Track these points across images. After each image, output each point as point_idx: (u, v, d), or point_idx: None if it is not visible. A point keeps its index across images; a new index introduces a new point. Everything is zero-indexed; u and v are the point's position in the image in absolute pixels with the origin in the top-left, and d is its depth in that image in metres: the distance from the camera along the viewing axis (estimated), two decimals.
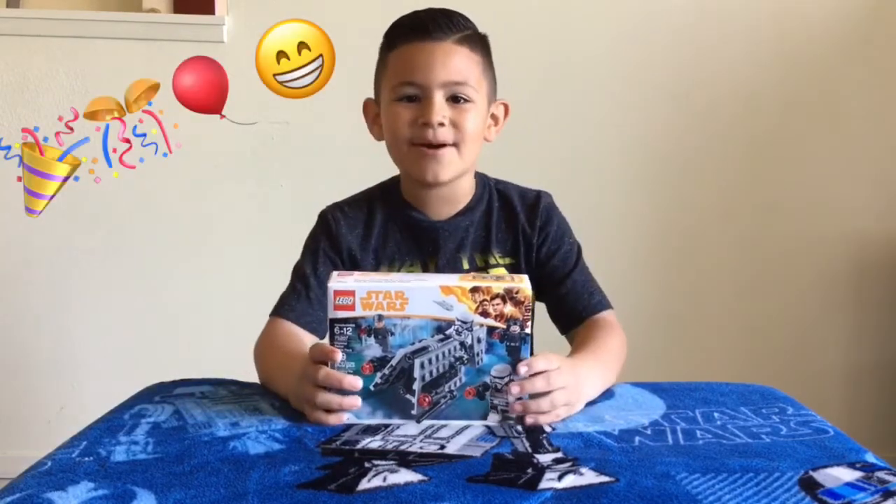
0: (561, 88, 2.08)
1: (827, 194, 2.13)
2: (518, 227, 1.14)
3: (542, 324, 1.12)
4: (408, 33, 1.07)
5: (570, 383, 0.92)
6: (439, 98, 1.05)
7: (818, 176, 2.13)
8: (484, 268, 1.13)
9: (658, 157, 2.11)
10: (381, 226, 1.14)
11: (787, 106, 2.11)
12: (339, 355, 0.87)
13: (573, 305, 1.14)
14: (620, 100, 2.09)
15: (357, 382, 0.87)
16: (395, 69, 1.07)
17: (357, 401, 0.88)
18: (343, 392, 0.88)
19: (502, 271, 1.13)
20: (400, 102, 1.07)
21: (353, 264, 1.12)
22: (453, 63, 1.05)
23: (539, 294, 1.14)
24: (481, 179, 1.17)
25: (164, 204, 2.07)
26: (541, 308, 1.16)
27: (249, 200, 2.07)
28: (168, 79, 2.03)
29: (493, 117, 1.14)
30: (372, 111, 1.15)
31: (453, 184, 1.11)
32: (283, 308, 1.10)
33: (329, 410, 0.88)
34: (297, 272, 1.13)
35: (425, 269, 1.13)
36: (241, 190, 2.07)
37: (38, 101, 2.03)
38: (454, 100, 1.06)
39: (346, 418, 0.88)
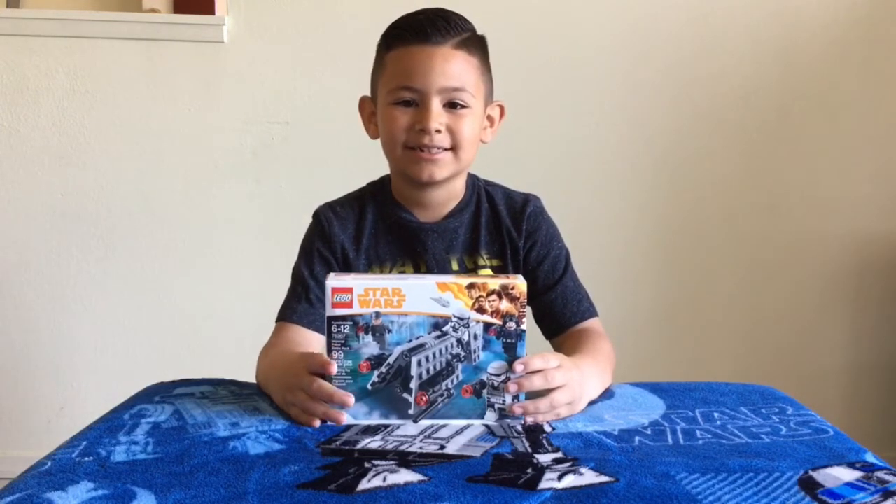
0: (558, 88, 2.07)
1: (827, 193, 2.13)
2: (503, 230, 1.15)
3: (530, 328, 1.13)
4: (406, 36, 1.06)
5: (570, 381, 0.92)
6: (436, 104, 1.05)
7: (818, 175, 2.13)
8: (473, 269, 1.13)
9: (657, 156, 2.11)
10: (371, 226, 1.14)
11: (786, 104, 2.11)
12: (335, 368, 0.88)
13: (562, 311, 1.14)
14: (618, 99, 2.09)
15: (348, 399, 0.88)
16: (393, 72, 1.07)
17: (344, 416, 0.88)
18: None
19: (489, 272, 1.13)
20: (397, 106, 1.06)
21: (346, 262, 1.13)
22: (451, 69, 1.05)
23: (527, 298, 1.15)
24: (471, 181, 1.17)
25: (163, 204, 2.07)
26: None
27: (249, 200, 2.08)
28: (168, 78, 2.04)
29: (489, 119, 1.14)
30: (367, 109, 1.15)
31: (445, 185, 1.11)
32: (287, 312, 1.11)
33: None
34: (296, 275, 1.14)
35: (417, 270, 1.13)
36: (241, 190, 2.07)
37: (38, 101, 2.03)
38: (451, 105, 1.06)
39: (344, 419, 0.89)
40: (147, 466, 0.78)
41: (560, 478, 0.74)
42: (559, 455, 0.81)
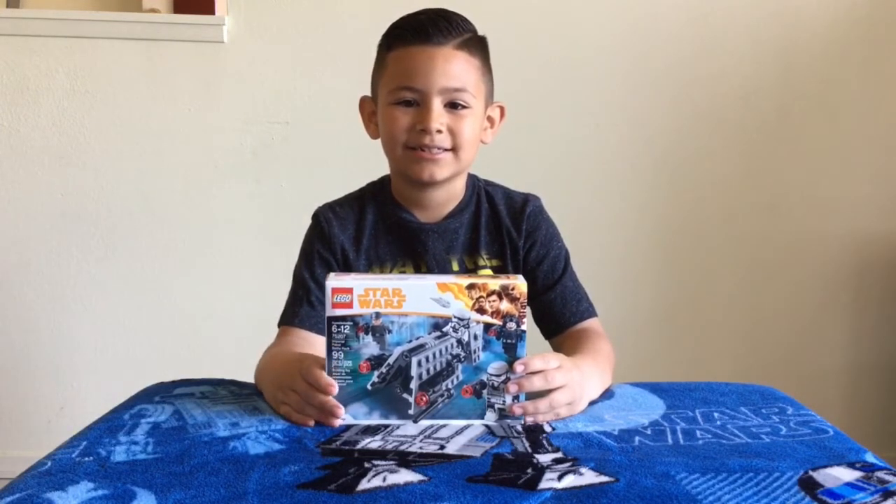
0: (558, 88, 2.07)
1: (827, 193, 2.13)
2: (503, 230, 1.15)
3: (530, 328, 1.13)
4: (407, 36, 1.06)
5: (570, 382, 0.93)
6: (437, 105, 1.05)
7: (818, 175, 2.13)
8: (473, 269, 1.13)
9: (657, 156, 2.11)
10: (371, 226, 1.14)
11: (786, 104, 2.11)
12: (336, 390, 0.87)
13: (561, 311, 1.14)
14: (618, 99, 2.09)
15: (338, 411, 0.88)
16: (394, 72, 1.07)
17: (336, 421, 0.88)
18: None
19: (489, 273, 1.13)
20: (398, 106, 1.06)
21: (346, 263, 1.13)
22: (452, 69, 1.05)
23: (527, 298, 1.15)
24: (471, 181, 1.17)
25: (163, 204, 2.07)
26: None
27: (249, 200, 2.08)
28: (168, 78, 2.04)
29: (490, 119, 1.14)
30: (368, 109, 1.15)
31: (445, 186, 1.11)
32: (289, 316, 1.11)
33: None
34: (296, 278, 1.14)
35: (417, 270, 1.13)
36: (241, 190, 2.07)
37: (38, 101, 2.03)
38: (452, 105, 1.06)
39: (340, 421, 0.89)
40: (147, 466, 0.78)
41: (560, 478, 0.74)
42: (559, 455, 0.81)
